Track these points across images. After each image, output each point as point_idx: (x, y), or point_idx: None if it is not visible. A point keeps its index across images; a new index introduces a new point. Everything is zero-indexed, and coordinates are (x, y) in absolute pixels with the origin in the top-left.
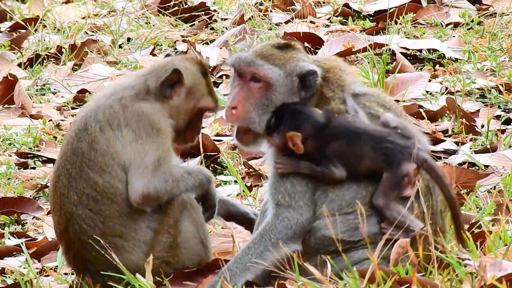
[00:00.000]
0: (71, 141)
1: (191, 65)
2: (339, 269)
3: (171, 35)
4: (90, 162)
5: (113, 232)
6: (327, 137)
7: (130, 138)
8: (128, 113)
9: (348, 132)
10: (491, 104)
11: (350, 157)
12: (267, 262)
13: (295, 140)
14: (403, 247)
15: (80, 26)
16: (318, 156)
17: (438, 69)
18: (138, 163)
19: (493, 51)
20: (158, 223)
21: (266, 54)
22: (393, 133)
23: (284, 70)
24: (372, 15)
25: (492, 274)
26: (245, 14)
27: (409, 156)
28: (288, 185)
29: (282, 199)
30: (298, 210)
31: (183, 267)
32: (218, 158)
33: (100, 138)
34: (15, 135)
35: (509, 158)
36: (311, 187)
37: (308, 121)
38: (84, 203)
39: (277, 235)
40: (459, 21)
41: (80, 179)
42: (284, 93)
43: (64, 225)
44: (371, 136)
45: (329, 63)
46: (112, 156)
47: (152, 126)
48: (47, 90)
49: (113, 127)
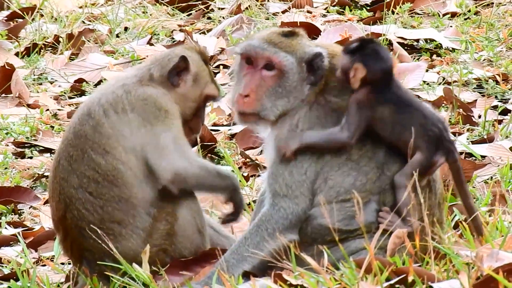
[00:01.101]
0: (73, 125)
1: (192, 54)
2: (336, 259)
3: (168, 24)
4: (93, 144)
5: (111, 217)
6: (384, 96)
7: (138, 123)
8: (132, 97)
9: (405, 100)
10: (488, 95)
11: (393, 124)
12: (264, 252)
13: (358, 74)
14: (400, 238)
15: (78, 15)
16: (350, 110)
17: (435, 59)
18: (154, 145)
19: (490, 41)
20: (157, 210)
21: (276, 42)
22: (442, 122)
23: (295, 57)
24: (369, 5)
25: (489, 264)
26: (242, 3)
27: (446, 149)
28: (286, 175)
29: (279, 189)
30: (294, 200)
31: (179, 256)
32: (215, 148)
33: (104, 121)
34: (12, 125)
35: (506, 149)
36: (310, 176)
37: (382, 68)
38: (84, 186)
39: (273, 225)
40: (456, 11)
41: (81, 161)
42: (297, 81)
43: (63, 211)
44: (424, 114)
45: (332, 48)
46: (118, 139)
47: (159, 108)
48: (44, 80)
49: (118, 110)
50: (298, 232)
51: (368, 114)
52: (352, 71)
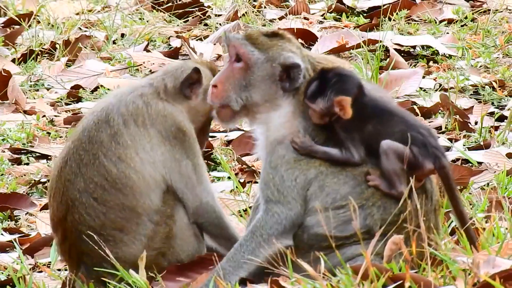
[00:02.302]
0: (89, 129)
1: (204, 68)
2: (333, 265)
3: (165, 31)
4: (108, 151)
5: (113, 224)
6: (365, 112)
7: (158, 140)
8: (153, 112)
9: (383, 110)
10: (484, 101)
11: (378, 136)
12: (259, 258)
13: (344, 104)
14: (397, 244)
15: (74, 22)
16: (343, 131)
17: (432, 65)
18: (177, 172)
19: (487, 48)
20: (157, 214)
21: (252, 37)
22: (427, 129)
23: (265, 55)
24: (366, 12)
25: (486, 271)
26: (239, 10)
27: (432, 156)
28: (277, 180)
29: (271, 194)
30: (287, 205)
31: (177, 260)
32: (211, 154)
33: (124, 131)
34: (8, 131)
35: (503, 155)
36: (299, 182)
37: (355, 85)
38: (90, 191)
39: (268, 230)
40: (453, 18)
41: (92, 166)
42: (263, 78)
43: (63, 212)
44: (404, 120)
45: (325, 63)
46: (137, 150)
47: (178, 128)
48: (40, 86)
49: (138, 123)
50: (295, 239)
51: (357, 135)
52: (336, 107)
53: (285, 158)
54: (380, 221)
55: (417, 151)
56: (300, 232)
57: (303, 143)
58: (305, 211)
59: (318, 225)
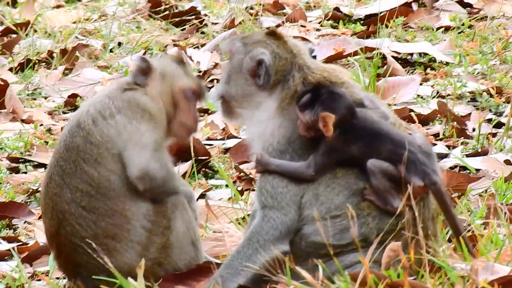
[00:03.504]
0: (64, 139)
1: (164, 58)
2: (331, 272)
3: (162, 39)
4: (85, 155)
5: (105, 232)
6: (352, 134)
7: (124, 122)
8: (118, 102)
9: (373, 132)
10: (482, 108)
11: (363, 157)
12: (257, 264)
13: (328, 122)
14: (395, 251)
15: (71, 30)
16: (319, 150)
17: (429, 72)
18: (135, 141)
19: (484, 55)
20: (152, 223)
21: (246, 34)
22: (415, 146)
23: (246, 49)
24: (363, 19)
25: (484, 277)
26: (236, 18)
27: (421, 172)
28: (269, 187)
29: (265, 200)
30: (282, 211)
31: (174, 269)
32: (209, 162)
33: (94, 130)
34: (6, 140)
35: (500, 162)
36: (291, 189)
37: (346, 106)
38: (77, 200)
39: (264, 236)
40: (450, 25)
41: (74, 174)
42: (237, 71)
43: (56, 227)
44: (391, 139)
45: (319, 74)
46: (107, 146)
47: (143, 109)
48: (38, 95)
49: (106, 116)
50: (292, 247)
51: (338, 156)
52: (320, 122)
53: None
54: (376, 230)
55: (405, 168)
56: (298, 240)
57: (259, 161)
58: (301, 218)
59: (315, 233)
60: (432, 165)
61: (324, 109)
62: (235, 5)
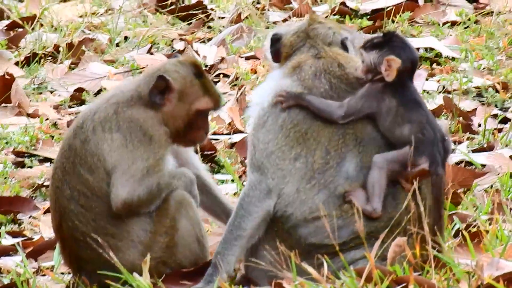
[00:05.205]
0: (68, 136)
1: (182, 68)
2: (336, 268)
3: (169, 33)
4: (81, 160)
5: (105, 230)
6: (398, 90)
7: (119, 143)
8: (120, 118)
9: (415, 99)
10: (488, 103)
11: (396, 116)
12: (247, 231)
13: (393, 65)
14: (401, 246)
15: (77, 24)
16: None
17: (435, 67)
18: (124, 169)
19: (490, 50)
20: (154, 224)
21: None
22: (441, 134)
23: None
24: (369, 14)
25: (489, 273)
26: (242, 12)
27: (432, 158)
28: (254, 154)
29: (250, 168)
30: (261, 172)
31: (180, 267)
32: (215, 157)
33: (91, 138)
34: (12, 134)
35: (506, 157)
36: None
37: (412, 58)
38: (76, 198)
39: (246, 200)
40: (456, 20)
41: (73, 174)
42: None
43: (58, 220)
44: (427, 117)
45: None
46: (99, 158)
47: (144, 133)
48: (44, 89)
49: (105, 129)
50: (296, 245)
51: (374, 105)
52: (384, 65)
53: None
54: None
55: (419, 148)
56: (299, 239)
57: (289, 94)
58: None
59: (311, 235)
60: (444, 159)
61: (391, 53)
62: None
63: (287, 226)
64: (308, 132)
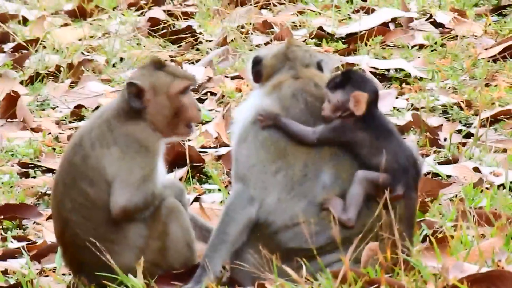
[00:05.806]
0: (68, 153)
1: (143, 69)
2: (315, 270)
3: (160, 55)
4: (82, 174)
5: (104, 237)
6: (368, 121)
7: (118, 156)
8: (116, 133)
9: (386, 129)
10: (453, 120)
11: (370, 148)
12: (231, 236)
13: (361, 100)
14: (373, 250)
15: (77, 47)
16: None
17: (405, 87)
18: (122, 179)
19: (455, 71)
20: (148, 229)
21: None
22: (413, 159)
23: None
24: (344, 38)
25: (454, 275)
26: (228, 36)
27: (406, 184)
28: (237, 164)
29: (233, 180)
30: (243, 182)
31: (171, 268)
32: (203, 168)
33: (91, 154)
34: (17, 147)
35: (470, 169)
36: (261, 167)
37: (374, 90)
38: (77, 210)
39: (230, 207)
40: (424, 43)
41: (73, 188)
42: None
43: (61, 229)
44: (399, 143)
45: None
46: (100, 172)
47: (140, 144)
48: (46, 106)
49: (103, 144)
50: (277, 249)
51: (348, 137)
52: (352, 101)
53: (238, 136)
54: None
55: (395, 177)
56: (280, 244)
57: (268, 115)
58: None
59: (291, 240)
60: (416, 182)
61: (356, 89)
62: (227, 24)
63: (269, 232)
64: (287, 148)
